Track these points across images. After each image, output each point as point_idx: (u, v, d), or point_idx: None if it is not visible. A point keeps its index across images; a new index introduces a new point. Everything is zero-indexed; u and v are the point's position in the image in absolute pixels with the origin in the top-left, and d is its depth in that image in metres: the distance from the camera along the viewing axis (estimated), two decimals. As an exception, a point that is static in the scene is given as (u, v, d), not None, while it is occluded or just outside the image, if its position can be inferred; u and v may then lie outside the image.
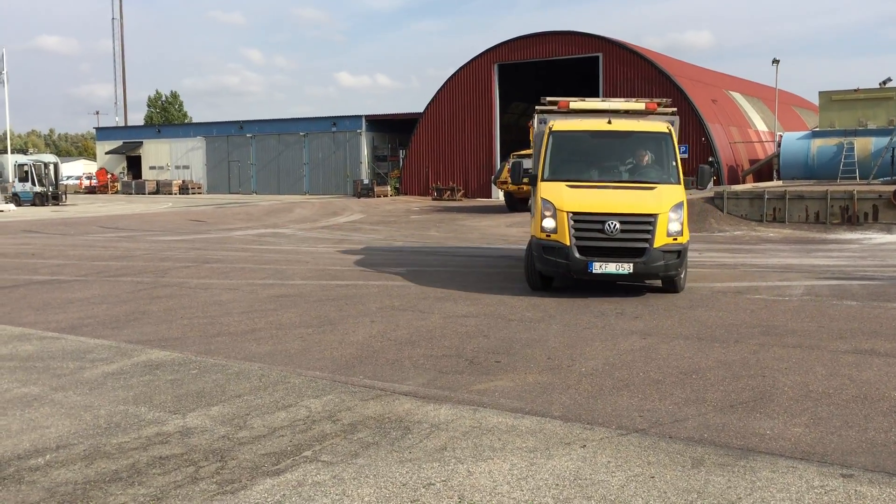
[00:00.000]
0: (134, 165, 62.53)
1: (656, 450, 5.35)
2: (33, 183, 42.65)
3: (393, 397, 6.62)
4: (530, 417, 6.06)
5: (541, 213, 11.63)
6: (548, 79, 43.89)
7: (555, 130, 12.50)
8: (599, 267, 11.11)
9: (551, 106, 13.22)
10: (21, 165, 43.22)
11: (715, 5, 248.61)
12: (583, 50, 41.32)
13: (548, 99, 13.40)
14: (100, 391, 6.88)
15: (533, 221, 12.26)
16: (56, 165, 44.72)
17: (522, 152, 28.20)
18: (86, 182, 65.17)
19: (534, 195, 12.56)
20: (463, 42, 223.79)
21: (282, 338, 9.00)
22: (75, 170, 79.49)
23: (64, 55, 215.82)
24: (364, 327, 9.55)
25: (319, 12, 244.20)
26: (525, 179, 12.79)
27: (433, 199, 43.91)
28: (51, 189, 43.14)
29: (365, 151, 51.24)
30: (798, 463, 5.10)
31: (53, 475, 5.00)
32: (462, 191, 44.34)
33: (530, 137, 14.99)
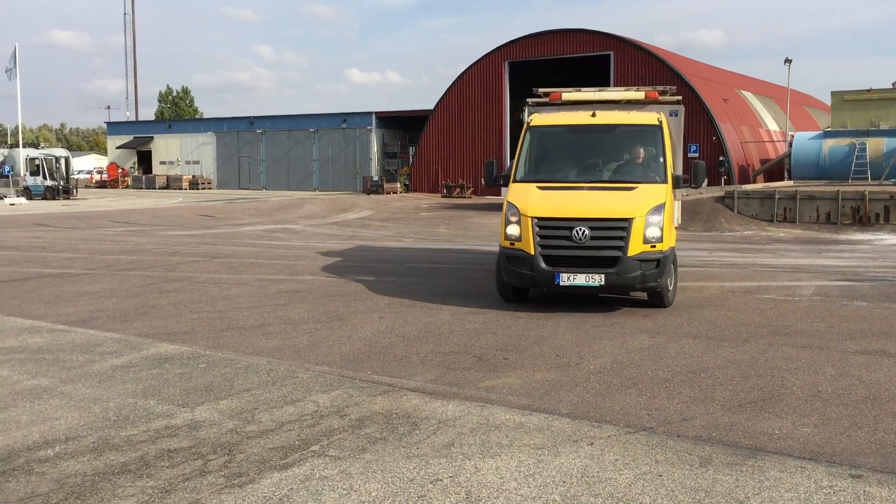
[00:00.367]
0: (144, 160, 62.80)
1: (664, 448, 5.34)
2: (44, 177, 42.95)
3: (401, 393, 6.63)
4: (538, 414, 6.06)
5: (505, 219, 10.38)
6: (558, 77, 43.79)
7: (532, 126, 11.32)
8: (567, 278, 9.85)
9: (544, 98, 12.22)
10: (32, 159, 43.56)
11: (727, 4, 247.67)
12: (594, 48, 41.27)
13: (540, 90, 12.36)
14: (109, 384, 6.92)
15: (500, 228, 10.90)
16: (67, 160, 45.00)
17: None
18: (96, 176, 65.54)
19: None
20: (474, 39, 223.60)
21: (290, 333, 9.02)
22: (86, 164, 79.78)
23: (76, 50, 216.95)
24: (372, 323, 9.57)
25: (331, 9, 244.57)
26: (501, 182, 11.38)
27: (442, 197, 43.95)
28: (62, 183, 43.40)
29: (375, 148, 51.25)
30: (807, 463, 5.08)
31: (62, 467, 5.02)
32: (472, 188, 44.31)
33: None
